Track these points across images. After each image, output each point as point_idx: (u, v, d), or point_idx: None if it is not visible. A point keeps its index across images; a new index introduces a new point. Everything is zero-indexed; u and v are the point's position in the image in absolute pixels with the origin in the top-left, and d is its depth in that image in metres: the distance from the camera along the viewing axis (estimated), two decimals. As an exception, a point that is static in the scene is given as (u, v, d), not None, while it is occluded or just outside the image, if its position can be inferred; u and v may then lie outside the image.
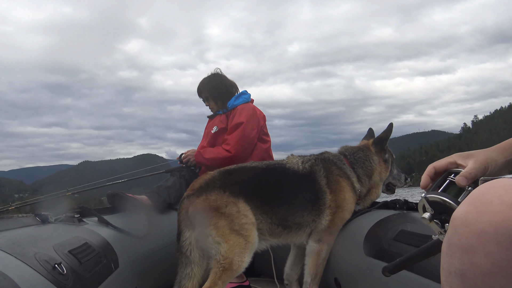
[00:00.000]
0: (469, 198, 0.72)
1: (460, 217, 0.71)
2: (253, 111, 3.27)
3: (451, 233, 0.72)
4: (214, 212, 2.10)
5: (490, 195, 0.69)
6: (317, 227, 2.28)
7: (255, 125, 3.21)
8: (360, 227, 2.23)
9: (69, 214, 2.27)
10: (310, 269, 2.29)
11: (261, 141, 3.31)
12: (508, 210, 0.65)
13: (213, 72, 3.48)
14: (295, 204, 2.26)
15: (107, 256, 2.02)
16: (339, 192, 2.32)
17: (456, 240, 0.71)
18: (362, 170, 2.47)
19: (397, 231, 1.89)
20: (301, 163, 2.40)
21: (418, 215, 2.05)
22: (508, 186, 0.69)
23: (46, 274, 1.39)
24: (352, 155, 2.51)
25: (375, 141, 2.58)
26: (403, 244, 1.78)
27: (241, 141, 3.12)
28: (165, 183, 3.11)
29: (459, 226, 0.70)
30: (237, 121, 3.17)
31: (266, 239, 2.25)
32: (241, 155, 3.12)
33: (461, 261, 0.69)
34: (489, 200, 0.68)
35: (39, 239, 1.68)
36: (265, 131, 3.38)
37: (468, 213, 0.70)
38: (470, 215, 0.69)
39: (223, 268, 2.03)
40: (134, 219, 2.71)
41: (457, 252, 0.70)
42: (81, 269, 1.65)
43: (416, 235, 1.75)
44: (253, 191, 2.24)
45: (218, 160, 3.08)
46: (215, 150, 3.20)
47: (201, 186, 2.21)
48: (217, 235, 2.07)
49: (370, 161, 2.50)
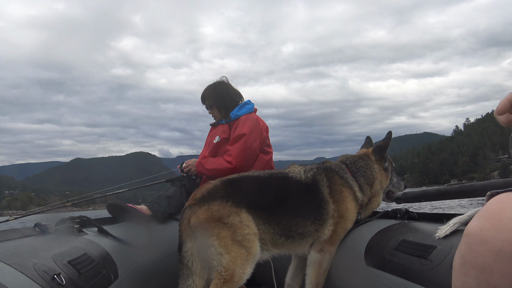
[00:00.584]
0: (484, 213, 0.70)
1: (476, 234, 0.69)
2: (256, 122, 3.26)
3: (466, 249, 0.70)
4: (217, 222, 2.08)
5: (507, 211, 0.67)
6: (320, 237, 2.26)
7: (257, 137, 3.20)
8: (361, 237, 2.22)
9: (69, 225, 2.26)
10: (311, 280, 2.26)
11: (263, 152, 3.30)
12: None
13: (218, 80, 3.46)
14: (298, 214, 2.24)
15: (107, 266, 2.01)
16: (342, 202, 2.30)
17: (471, 258, 0.69)
18: (364, 179, 2.46)
19: (399, 240, 1.88)
20: (303, 172, 2.39)
21: (419, 225, 2.04)
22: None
23: (45, 284, 1.38)
24: (353, 164, 2.51)
25: (375, 149, 2.58)
26: (405, 254, 1.76)
27: (243, 152, 3.11)
28: (166, 193, 3.09)
29: (475, 243, 0.68)
30: (240, 132, 3.16)
31: (268, 250, 2.23)
32: (243, 166, 3.10)
33: (476, 280, 0.67)
34: (507, 216, 0.66)
35: (38, 250, 1.67)
36: (267, 143, 3.38)
37: (484, 229, 0.68)
38: (487, 232, 0.67)
39: (224, 279, 2.00)
40: (134, 229, 2.70)
41: (472, 270, 0.68)
42: (80, 280, 1.64)
43: (417, 245, 1.74)
44: (256, 200, 2.22)
45: (220, 172, 3.06)
46: (216, 161, 3.19)
47: (203, 195, 2.20)
48: (219, 245, 2.04)
49: (371, 170, 2.50)
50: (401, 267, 1.72)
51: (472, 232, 0.69)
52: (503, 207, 0.68)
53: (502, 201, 0.69)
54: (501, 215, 0.67)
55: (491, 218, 0.68)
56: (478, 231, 0.68)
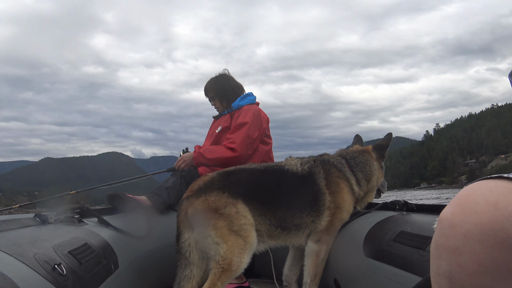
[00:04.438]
0: (456, 199, 0.73)
1: (447, 218, 0.72)
2: (258, 113, 3.28)
3: (438, 234, 0.74)
4: (213, 213, 2.11)
5: (475, 196, 0.70)
6: (316, 228, 2.29)
7: (258, 127, 3.21)
8: (360, 228, 2.23)
9: (69, 215, 2.27)
10: (309, 270, 2.29)
11: (263, 143, 3.31)
12: (493, 210, 0.66)
13: (220, 73, 3.51)
14: (294, 206, 2.26)
15: (107, 256, 2.02)
16: (338, 193, 2.33)
17: (443, 241, 0.72)
18: (362, 174, 2.52)
19: (397, 232, 1.89)
20: (300, 165, 2.42)
21: (417, 217, 2.05)
22: (493, 186, 0.70)
23: (45, 274, 1.39)
24: (353, 159, 2.56)
25: (376, 147, 2.65)
26: (403, 245, 1.78)
27: (246, 140, 3.12)
28: (165, 184, 3.10)
29: (446, 227, 0.71)
30: (242, 120, 3.17)
31: (264, 241, 2.26)
32: (245, 155, 3.12)
33: (448, 262, 0.70)
34: (474, 201, 0.69)
35: (39, 240, 1.68)
36: (268, 134, 3.40)
37: (454, 214, 0.71)
38: (456, 217, 0.70)
39: (222, 269, 2.03)
40: (134, 220, 2.71)
41: (444, 253, 0.71)
42: (81, 270, 1.65)
43: (416, 236, 1.75)
44: (252, 192, 2.25)
45: (222, 160, 3.05)
46: (217, 149, 3.17)
47: (200, 187, 2.22)
48: (216, 235, 2.07)
49: (371, 166, 2.56)
50: (399, 258, 1.73)
51: (444, 217, 0.73)
52: (472, 192, 0.71)
53: (471, 188, 0.73)
54: (469, 199, 0.70)
55: (461, 203, 0.71)
56: (449, 216, 0.71)
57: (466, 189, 0.73)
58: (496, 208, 0.66)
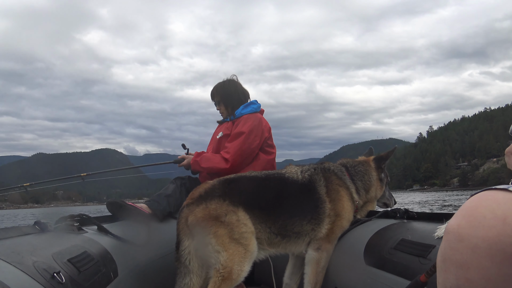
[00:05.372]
0: (462, 211, 0.72)
1: (453, 231, 0.71)
2: (259, 122, 3.27)
3: (445, 247, 0.73)
4: (214, 220, 2.10)
5: (482, 209, 0.69)
6: (316, 236, 2.28)
7: (257, 136, 3.21)
8: (361, 236, 2.22)
9: (69, 223, 2.26)
10: (310, 278, 2.27)
11: (265, 152, 3.31)
12: (501, 225, 0.66)
13: (228, 78, 3.51)
14: (294, 213, 2.26)
15: (107, 265, 2.01)
16: (338, 201, 2.34)
17: (450, 254, 0.71)
18: (361, 183, 2.53)
19: (398, 240, 1.89)
20: (300, 173, 2.42)
21: (418, 225, 2.04)
22: (501, 199, 0.69)
23: (44, 283, 1.38)
24: (353, 168, 2.57)
25: (376, 158, 2.68)
26: (404, 253, 1.77)
27: (240, 151, 3.13)
28: (165, 191, 3.10)
29: (453, 240, 0.71)
30: (240, 130, 3.19)
31: (264, 249, 2.25)
32: (239, 165, 3.13)
33: (455, 276, 0.70)
34: (482, 214, 0.68)
35: (38, 248, 1.67)
36: (270, 143, 3.39)
37: (461, 227, 0.70)
38: (463, 229, 0.69)
39: (222, 277, 2.01)
40: (134, 227, 2.70)
41: (452, 267, 0.70)
42: (80, 278, 1.65)
43: (416, 244, 1.74)
44: (253, 200, 2.25)
45: (215, 170, 3.13)
46: (213, 158, 3.20)
47: (200, 195, 2.22)
48: (216, 243, 2.06)
49: (369, 175, 2.58)
50: (400, 267, 1.72)
51: (451, 230, 0.72)
52: (478, 205, 0.70)
53: (478, 199, 0.72)
54: (476, 212, 0.69)
55: (467, 216, 0.70)
56: (455, 228, 0.71)
57: (472, 200, 0.72)
58: (504, 222, 0.65)
